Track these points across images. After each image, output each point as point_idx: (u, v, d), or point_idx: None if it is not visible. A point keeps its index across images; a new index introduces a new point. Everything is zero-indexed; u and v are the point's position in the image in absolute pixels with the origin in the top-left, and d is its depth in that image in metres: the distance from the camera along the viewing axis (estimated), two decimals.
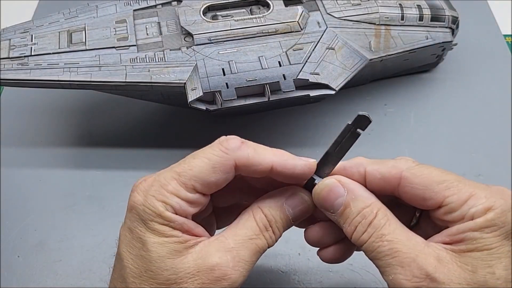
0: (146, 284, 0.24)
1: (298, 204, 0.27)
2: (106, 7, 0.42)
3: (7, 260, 0.37)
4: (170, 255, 0.24)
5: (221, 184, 0.25)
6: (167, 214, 0.24)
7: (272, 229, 0.26)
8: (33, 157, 0.44)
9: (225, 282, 0.24)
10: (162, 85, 0.37)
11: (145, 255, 0.24)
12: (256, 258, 0.25)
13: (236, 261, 0.24)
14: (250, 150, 0.25)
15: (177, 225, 0.24)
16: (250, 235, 0.25)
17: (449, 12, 0.44)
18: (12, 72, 0.37)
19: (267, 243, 0.26)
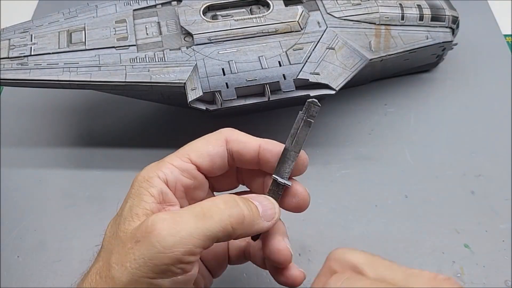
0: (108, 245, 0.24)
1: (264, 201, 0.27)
2: (106, 7, 0.42)
3: (7, 260, 0.37)
4: (131, 218, 0.24)
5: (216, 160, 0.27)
6: (153, 179, 0.25)
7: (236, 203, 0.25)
8: (33, 157, 0.44)
9: (154, 238, 0.22)
10: (162, 85, 0.37)
11: (117, 219, 0.25)
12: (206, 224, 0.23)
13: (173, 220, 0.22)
14: (240, 133, 0.28)
15: (156, 192, 0.25)
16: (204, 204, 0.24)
17: (449, 12, 0.44)
18: (12, 72, 0.37)
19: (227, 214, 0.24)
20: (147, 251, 0.22)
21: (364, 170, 0.42)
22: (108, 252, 0.24)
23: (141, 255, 0.22)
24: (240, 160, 0.27)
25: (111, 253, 0.23)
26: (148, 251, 0.22)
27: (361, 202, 0.40)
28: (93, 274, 0.24)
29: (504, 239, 0.38)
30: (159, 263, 0.22)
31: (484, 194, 0.40)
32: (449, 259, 0.37)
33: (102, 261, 0.24)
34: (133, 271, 0.22)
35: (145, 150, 0.44)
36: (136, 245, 0.22)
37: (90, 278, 0.24)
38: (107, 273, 0.23)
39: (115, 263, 0.22)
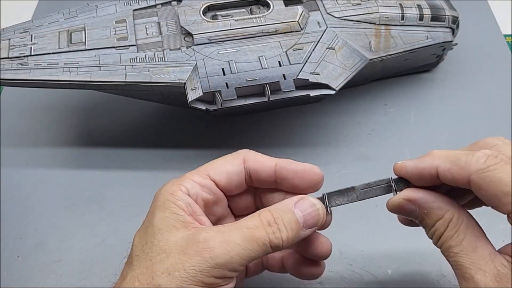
0: (143, 254, 0.25)
1: (307, 207, 0.27)
2: (106, 7, 0.42)
3: (7, 260, 0.37)
4: (168, 228, 0.25)
5: (233, 178, 0.28)
6: (178, 193, 0.26)
7: (277, 226, 0.25)
8: (33, 157, 0.44)
9: (207, 254, 0.23)
10: (162, 85, 0.37)
11: (148, 229, 0.26)
12: (251, 246, 0.24)
13: (224, 240, 0.24)
14: (257, 153, 0.29)
15: (184, 204, 0.26)
16: (248, 225, 0.25)
17: (449, 12, 0.44)
18: (12, 72, 0.37)
19: (269, 238, 0.25)
20: (199, 264, 0.23)
21: (364, 170, 0.42)
22: (147, 261, 0.25)
23: (192, 267, 0.23)
24: (257, 178, 0.28)
25: (151, 262, 0.24)
26: (200, 264, 0.23)
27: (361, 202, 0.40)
28: (130, 280, 0.24)
29: (503, 239, 0.37)
30: (208, 276, 0.24)
31: None
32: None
33: (140, 269, 0.25)
34: (182, 279, 0.23)
35: (145, 150, 0.44)
36: (186, 256, 0.24)
37: (128, 285, 0.24)
38: (149, 281, 0.24)
39: (161, 272, 0.24)
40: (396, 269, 0.36)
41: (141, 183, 0.41)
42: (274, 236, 0.25)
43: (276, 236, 0.25)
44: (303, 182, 0.28)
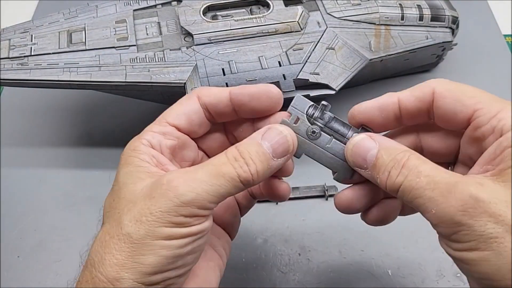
0: (112, 210, 0.25)
1: (274, 136, 0.25)
2: (106, 7, 0.42)
3: (7, 260, 0.37)
4: (132, 181, 0.25)
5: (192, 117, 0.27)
6: (140, 147, 0.26)
7: (244, 160, 0.24)
8: (33, 157, 0.44)
9: (171, 194, 0.23)
10: (162, 85, 0.37)
11: (114, 187, 0.25)
12: (219, 182, 0.23)
13: (189, 178, 0.23)
14: (210, 87, 0.28)
15: (147, 157, 0.26)
16: (214, 162, 0.24)
17: (449, 12, 0.44)
18: (12, 72, 0.37)
19: (237, 172, 0.24)
20: (165, 205, 0.23)
21: None
22: (116, 214, 0.24)
23: (158, 209, 0.23)
24: (216, 111, 0.27)
25: (119, 214, 0.24)
26: (166, 205, 0.23)
27: None
28: (101, 236, 0.24)
29: None
30: (176, 215, 0.23)
31: None
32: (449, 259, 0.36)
33: (110, 223, 0.24)
34: (150, 223, 0.23)
35: None
36: (151, 200, 0.23)
37: (99, 240, 0.24)
38: (119, 231, 0.23)
39: (128, 221, 0.23)
40: (396, 269, 0.36)
41: None
42: (242, 170, 0.24)
43: (244, 170, 0.24)
44: (261, 104, 0.27)
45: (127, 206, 0.24)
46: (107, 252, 0.23)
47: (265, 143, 0.25)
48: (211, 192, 0.23)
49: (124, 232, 0.23)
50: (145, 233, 0.23)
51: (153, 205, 0.23)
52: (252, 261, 0.37)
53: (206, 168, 0.24)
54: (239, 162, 0.24)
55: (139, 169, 0.25)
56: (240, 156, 0.24)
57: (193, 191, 0.23)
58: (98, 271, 0.23)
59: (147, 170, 0.25)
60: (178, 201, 0.23)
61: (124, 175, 0.25)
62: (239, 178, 0.24)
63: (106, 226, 0.24)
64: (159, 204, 0.23)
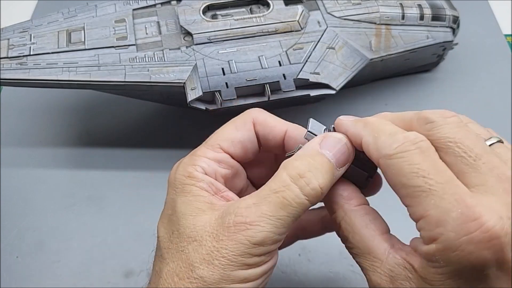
0: (172, 245, 0.23)
1: (335, 144, 0.24)
2: (105, 6, 0.42)
3: (6, 261, 0.37)
4: (193, 213, 0.23)
5: (247, 146, 0.26)
6: (196, 174, 0.24)
7: (308, 175, 0.22)
8: (33, 157, 0.44)
9: (241, 236, 0.22)
10: (161, 85, 0.37)
11: (173, 217, 0.24)
12: (286, 212, 0.22)
13: (254, 216, 0.22)
14: (268, 115, 0.26)
15: (205, 185, 0.24)
16: (275, 188, 0.22)
17: (449, 11, 0.44)
18: (11, 71, 0.37)
19: (302, 194, 0.22)
20: (236, 249, 0.22)
21: None
22: (179, 252, 0.23)
23: (230, 252, 0.22)
24: (266, 145, 0.26)
25: (184, 253, 0.23)
26: (237, 249, 0.22)
27: None
28: (168, 277, 0.23)
29: None
30: (249, 257, 0.22)
31: None
32: None
33: (174, 262, 0.23)
34: (224, 267, 0.22)
35: (145, 150, 0.43)
36: (220, 243, 0.22)
37: (166, 281, 0.23)
38: (190, 274, 0.22)
39: (199, 263, 0.22)
40: None
41: (141, 183, 0.41)
42: (309, 188, 0.22)
43: (311, 187, 0.22)
44: None
45: (192, 245, 0.23)
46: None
47: (327, 152, 0.23)
48: (281, 226, 0.22)
49: (196, 275, 0.22)
50: (220, 277, 0.22)
51: (223, 248, 0.22)
52: None
53: (270, 200, 0.22)
54: (304, 179, 0.22)
55: (199, 199, 0.24)
56: (303, 171, 0.23)
57: (263, 231, 0.22)
58: None
59: (207, 200, 0.24)
60: (250, 244, 0.22)
61: (182, 205, 0.24)
62: (307, 199, 0.22)
63: (170, 265, 0.23)
64: (230, 247, 0.22)
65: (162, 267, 0.23)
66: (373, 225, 0.23)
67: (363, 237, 0.23)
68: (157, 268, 0.24)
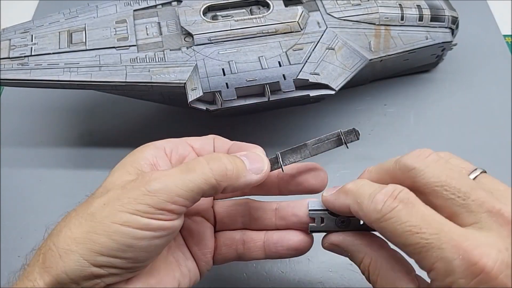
0: (89, 198, 0.26)
1: (254, 157, 0.27)
2: (106, 7, 0.42)
3: (7, 260, 0.37)
4: (119, 174, 0.26)
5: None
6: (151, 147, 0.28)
7: (220, 160, 0.25)
8: (33, 157, 0.44)
9: (141, 185, 0.24)
10: (162, 85, 0.37)
11: (103, 183, 0.27)
12: (190, 177, 0.24)
13: (163, 174, 0.24)
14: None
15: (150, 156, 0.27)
16: (189, 161, 0.26)
17: (449, 12, 0.44)
18: (12, 72, 0.37)
19: (210, 167, 0.25)
20: (133, 193, 0.24)
21: None
22: (89, 198, 0.26)
23: (127, 197, 0.23)
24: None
25: (92, 198, 0.25)
26: (134, 193, 0.24)
27: None
28: (68, 213, 0.26)
29: None
30: (141, 202, 0.23)
31: None
32: None
33: (82, 205, 0.25)
34: (115, 207, 0.23)
35: None
36: (123, 190, 0.24)
37: (65, 216, 0.26)
38: (84, 211, 0.24)
39: (97, 203, 0.24)
40: None
41: None
42: (216, 164, 0.25)
43: (219, 164, 0.25)
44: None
45: (102, 192, 0.25)
46: (66, 225, 0.24)
47: (243, 157, 0.27)
48: (180, 186, 0.24)
49: (89, 211, 0.24)
50: (107, 214, 0.23)
51: (124, 193, 0.24)
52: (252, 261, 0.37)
53: (180, 166, 0.25)
54: (214, 159, 0.25)
55: (133, 165, 0.26)
56: (216, 156, 0.25)
57: (162, 183, 0.23)
58: (51, 241, 0.24)
59: (140, 167, 0.26)
60: (146, 190, 0.23)
61: (117, 168, 0.27)
62: (211, 173, 0.24)
63: (78, 207, 0.25)
64: (129, 193, 0.24)
65: (71, 212, 0.26)
66: (398, 266, 0.25)
67: (391, 279, 0.24)
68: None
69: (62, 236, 0.23)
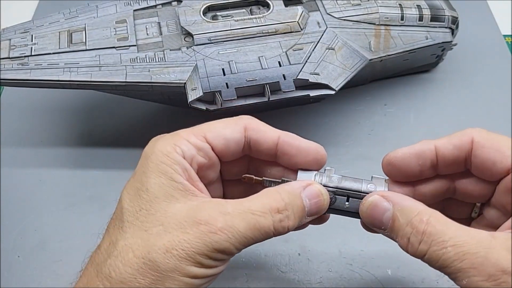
0: (138, 222, 0.24)
1: (315, 196, 0.25)
2: (106, 7, 0.42)
3: (7, 260, 0.37)
4: (166, 198, 0.24)
5: (231, 145, 0.26)
6: (174, 155, 0.25)
7: (285, 214, 0.24)
8: (33, 157, 0.44)
9: (208, 239, 0.23)
10: (162, 85, 0.37)
11: (142, 193, 0.24)
12: (252, 235, 0.23)
13: (226, 225, 0.23)
14: (260, 122, 0.27)
15: (180, 170, 0.24)
16: (255, 210, 0.23)
17: (448, 12, 0.44)
18: (12, 72, 0.37)
19: (273, 227, 0.24)
20: (198, 247, 0.23)
21: (364, 170, 0.42)
22: (142, 231, 0.23)
23: (191, 248, 0.23)
24: (257, 149, 0.27)
25: (147, 233, 0.23)
26: (199, 247, 0.23)
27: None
28: (124, 250, 0.23)
29: None
30: (206, 258, 0.23)
31: None
32: None
33: (134, 238, 0.23)
34: (180, 258, 0.23)
35: None
36: (185, 235, 0.23)
37: (121, 256, 0.23)
38: (145, 255, 0.23)
39: (158, 247, 0.23)
40: (396, 269, 0.36)
41: None
42: (280, 224, 0.24)
43: (283, 225, 0.24)
44: (305, 161, 0.27)
45: (157, 228, 0.23)
46: (129, 272, 0.23)
47: (306, 200, 0.25)
48: (243, 243, 0.23)
49: (151, 258, 0.23)
50: (173, 266, 0.23)
51: (187, 242, 0.23)
52: (252, 261, 0.37)
53: (245, 218, 0.23)
54: (280, 215, 0.24)
55: (173, 185, 0.24)
56: (284, 208, 0.24)
57: (228, 241, 0.23)
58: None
59: (181, 187, 0.24)
60: (212, 247, 0.23)
61: (156, 187, 0.24)
62: (273, 233, 0.24)
63: (129, 240, 0.24)
64: (193, 243, 0.23)
65: (119, 239, 0.24)
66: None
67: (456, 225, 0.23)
68: (114, 238, 0.24)
69: (127, 285, 0.23)
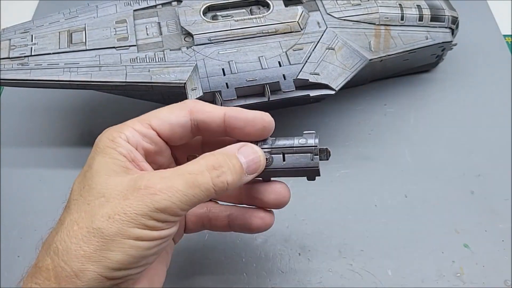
0: (81, 198, 0.25)
1: (250, 154, 0.27)
2: (106, 7, 0.42)
3: (7, 260, 0.37)
4: (107, 172, 0.25)
5: (176, 130, 0.27)
6: (118, 140, 0.26)
7: (222, 169, 0.25)
8: (33, 157, 0.44)
9: (148, 200, 0.23)
10: (162, 85, 0.37)
11: (87, 173, 0.26)
12: (193, 192, 0.24)
13: (166, 186, 0.24)
14: (204, 103, 0.28)
15: (124, 151, 0.26)
16: (190, 170, 0.25)
17: (449, 12, 0.44)
18: (12, 72, 0.37)
19: (212, 183, 0.25)
20: (140, 209, 0.24)
21: (364, 170, 0.42)
22: (85, 205, 0.25)
23: (133, 211, 0.23)
24: (206, 129, 0.28)
25: (89, 206, 0.24)
26: (141, 209, 0.24)
27: (361, 202, 0.40)
28: (69, 224, 0.24)
29: (503, 239, 0.38)
30: (149, 219, 0.24)
31: (483, 194, 0.40)
32: (448, 259, 0.37)
33: (78, 213, 0.25)
34: (123, 222, 0.23)
35: None
36: (126, 201, 0.24)
37: (66, 229, 0.24)
38: (89, 224, 0.24)
39: (100, 216, 0.24)
40: (396, 269, 0.36)
41: None
42: (218, 180, 0.25)
43: (221, 180, 0.25)
44: (255, 130, 0.28)
45: (99, 200, 0.24)
46: (74, 242, 0.23)
47: (242, 158, 0.27)
48: (185, 202, 0.24)
49: (95, 226, 0.23)
50: (116, 230, 0.23)
51: (128, 206, 0.24)
52: (252, 261, 0.37)
53: (183, 177, 0.25)
54: (217, 171, 0.25)
55: (115, 162, 0.26)
56: (219, 165, 0.25)
57: (169, 200, 0.24)
58: (61, 260, 0.23)
59: (123, 164, 0.26)
60: (153, 207, 0.24)
61: (99, 164, 0.26)
62: (213, 188, 0.25)
63: (74, 215, 0.25)
64: (135, 206, 0.24)
65: (66, 216, 0.25)
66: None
67: None
68: (62, 217, 0.25)
69: (73, 255, 0.23)
